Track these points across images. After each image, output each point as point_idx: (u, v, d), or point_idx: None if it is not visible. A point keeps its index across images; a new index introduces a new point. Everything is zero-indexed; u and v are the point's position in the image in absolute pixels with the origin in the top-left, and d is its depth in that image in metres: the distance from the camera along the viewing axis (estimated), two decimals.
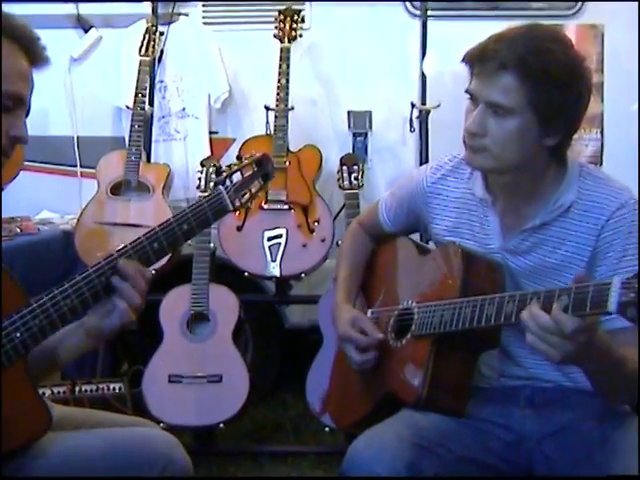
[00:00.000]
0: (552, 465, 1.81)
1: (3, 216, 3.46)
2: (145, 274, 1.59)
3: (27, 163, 3.62)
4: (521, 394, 1.88)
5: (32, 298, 1.56)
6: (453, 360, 1.73)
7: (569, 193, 1.79)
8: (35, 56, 1.59)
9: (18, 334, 1.52)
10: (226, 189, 1.67)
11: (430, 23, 3.60)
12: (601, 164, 3.65)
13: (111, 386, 3.21)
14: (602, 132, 3.65)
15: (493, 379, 1.91)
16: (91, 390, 3.16)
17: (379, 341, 1.89)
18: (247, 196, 1.71)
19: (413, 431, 1.78)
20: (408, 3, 3.70)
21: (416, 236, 2.12)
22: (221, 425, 3.16)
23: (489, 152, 1.75)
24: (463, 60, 1.77)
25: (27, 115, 1.61)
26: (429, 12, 3.62)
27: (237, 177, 1.71)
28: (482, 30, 1.81)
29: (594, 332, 1.49)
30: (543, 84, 1.67)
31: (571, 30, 3.56)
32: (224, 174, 1.70)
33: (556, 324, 1.44)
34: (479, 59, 1.72)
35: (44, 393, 3.03)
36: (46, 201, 3.85)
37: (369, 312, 2.04)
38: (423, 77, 3.60)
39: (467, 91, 1.77)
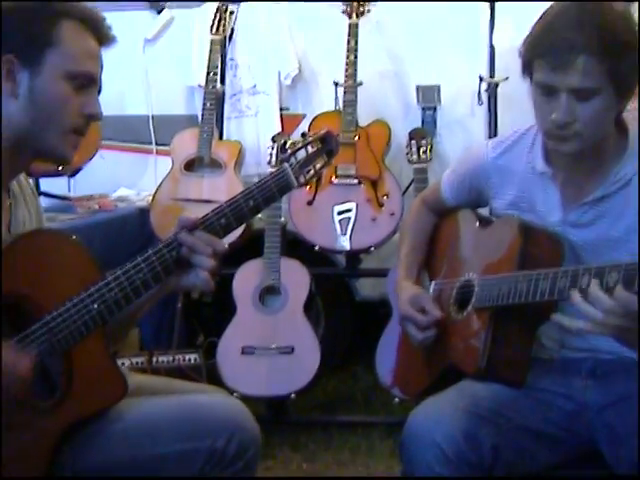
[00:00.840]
0: (613, 434, 1.81)
1: (83, 194, 3.59)
2: (211, 242, 1.65)
3: (105, 142, 3.72)
4: (582, 366, 1.89)
5: (109, 272, 1.65)
6: (512, 332, 1.75)
7: (630, 166, 1.79)
8: (102, 35, 1.68)
9: (95, 305, 1.61)
10: (291, 166, 1.72)
11: None
12: None
13: (187, 357, 3.28)
14: None
15: (554, 350, 1.92)
16: (168, 361, 3.25)
17: (438, 320, 1.91)
18: (312, 172, 1.74)
19: (470, 401, 1.82)
20: None
21: (485, 210, 2.12)
22: (293, 395, 3.22)
23: (580, 136, 1.74)
24: (522, 56, 1.76)
25: (99, 92, 1.70)
26: None
27: (302, 154, 1.75)
28: (550, 3, 1.79)
29: None
30: (616, 56, 1.68)
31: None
32: (289, 151, 1.75)
33: (619, 304, 1.45)
34: (549, 51, 1.70)
35: (123, 363, 3.15)
36: (123, 178, 3.96)
37: (432, 284, 2.07)
38: (492, 50, 3.57)
39: (539, 84, 1.75)
